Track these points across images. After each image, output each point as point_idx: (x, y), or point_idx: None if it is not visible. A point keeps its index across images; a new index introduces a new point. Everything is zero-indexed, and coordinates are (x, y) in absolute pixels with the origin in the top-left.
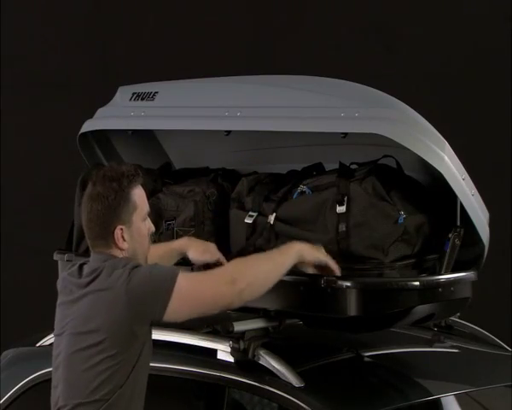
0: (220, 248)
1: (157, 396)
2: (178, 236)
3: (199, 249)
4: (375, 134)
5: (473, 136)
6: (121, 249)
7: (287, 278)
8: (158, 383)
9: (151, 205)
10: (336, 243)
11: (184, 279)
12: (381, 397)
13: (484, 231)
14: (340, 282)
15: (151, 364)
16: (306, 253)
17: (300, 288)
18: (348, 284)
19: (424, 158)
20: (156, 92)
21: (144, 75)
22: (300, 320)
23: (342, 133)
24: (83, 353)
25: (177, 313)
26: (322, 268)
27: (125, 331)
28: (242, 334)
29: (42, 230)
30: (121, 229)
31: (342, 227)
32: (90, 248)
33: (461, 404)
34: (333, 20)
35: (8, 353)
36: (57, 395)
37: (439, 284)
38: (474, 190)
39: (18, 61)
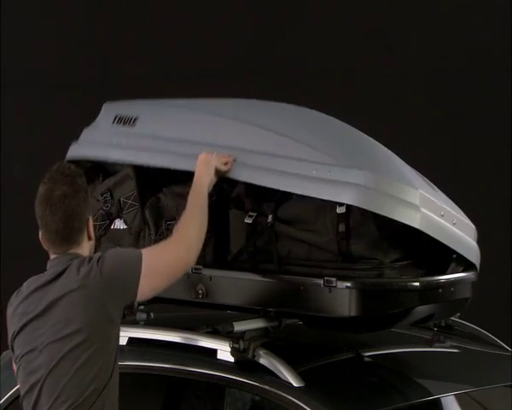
0: (220, 249)
1: (157, 396)
2: None
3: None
4: None
5: (473, 136)
6: (91, 239)
7: (287, 278)
8: (158, 383)
9: (151, 205)
10: (336, 243)
11: (148, 256)
12: (381, 397)
13: (473, 253)
14: (340, 282)
15: (151, 364)
16: (211, 173)
17: (300, 288)
18: (348, 284)
19: (396, 220)
20: (137, 118)
21: (144, 75)
22: (300, 320)
23: None
24: (70, 355)
25: (146, 291)
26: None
27: (104, 322)
28: (242, 334)
29: None
30: (90, 219)
31: (342, 227)
32: (54, 249)
33: (461, 404)
34: (333, 20)
35: (8, 353)
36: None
37: (438, 284)
38: (456, 218)
39: (18, 61)
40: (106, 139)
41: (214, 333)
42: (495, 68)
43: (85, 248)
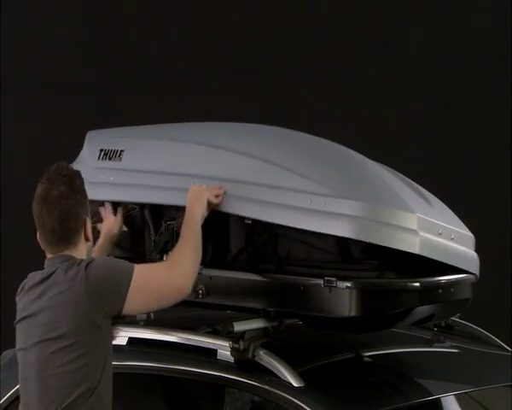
0: (220, 249)
1: (157, 396)
2: (178, 236)
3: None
4: None
5: (473, 135)
6: (88, 240)
7: (287, 279)
8: (158, 383)
9: (151, 205)
10: (336, 243)
11: (141, 272)
12: (381, 397)
13: (472, 264)
14: (340, 282)
15: (151, 364)
16: (203, 205)
17: (300, 288)
18: (348, 284)
19: (396, 248)
20: (122, 151)
21: (144, 75)
22: (300, 320)
23: None
24: (56, 356)
25: (135, 305)
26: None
27: (91, 328)
28: (242, 334)
29: None
30: (87, 220)
31: None
32: (50, 249)
33: (461, 404)
34: (333, 21)
35: (8, 353)
36: (31, 403)
37: (439, 285)
38: (454, 232)
39: (18, 61)
40: (93, 177)
41: (214, 333)
42: (495, 68)
43: (82, 249)
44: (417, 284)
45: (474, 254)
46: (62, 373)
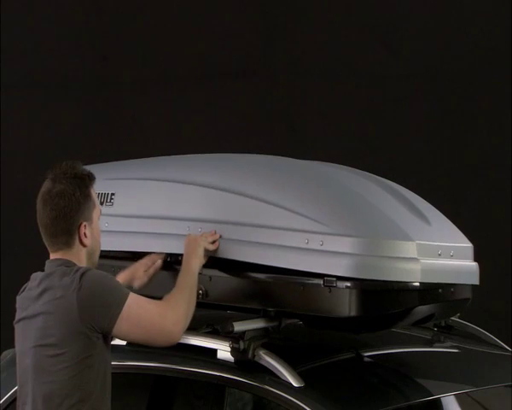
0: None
1: (157, 397)
2: None
3: (141, 278)
4: None
5: (473, 135)
6: (84, 246)
7: (287, 279)
8: (158, 383)
9: None
10: None
11: (135, 303)
12: (381, 397)
13: (472, 277)
14: (340, 282)
15: (151, 364)
16: (199, 255)
17: (300, 288)
18: (348, 284)
19: (398, 280)
20: (114, 194)
21: (144, 75)
22: (300, 320)
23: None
24: (48, 361)
25: (123, 332)
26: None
27: (81, 339)
28: (242, 334)
29: None
30: (85, 225)
31: None
32: (49, 248)
33: (461, 404)
34: (333, 20)
35: (8, 353)
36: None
37: (438, 284)
38: (453, 248)
39: (18, 61)
40: None
41: (214, 333)
42: (495, 68)
43: (78, 253)
44: (417, 284)
45: (474, 265)
46: (54, 381)
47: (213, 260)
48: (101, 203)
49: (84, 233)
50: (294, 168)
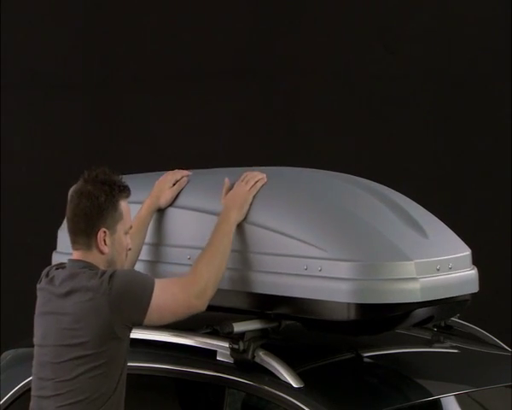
0: None
1: (157, 397)
2: None
3: (166, 194)
4: None
5: (473, 136)
6: (102, 253)
7: None
8: (158, 383)
9: None
10: None
11: (160, 290)
12: (381, 397)
13: (472, 286)
14: None
15: (151, 364)
16: (242, 214)
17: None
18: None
19: (398, 302)
20: None
21: (144, 75)
22: (300, 322)
23: None
24: (70, 363)
25: (154, 318)
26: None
27: (111, 339)
28: (242, 335)
29: (42, 230)
30: (104, 232)
31: None
32: (71, 245)
33: (461, 404)
34: (333, 20)
35: (9, 353)
36: (44, 404)
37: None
38: (451, 261)
39: (18, 61)
40: None
41: (214, 334)
42: (495, 68)
43: (97, 258)
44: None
45: (473, 273)
46: (77, 380)
47: None
48: None
49: (104, 240)
50: (282, 190)
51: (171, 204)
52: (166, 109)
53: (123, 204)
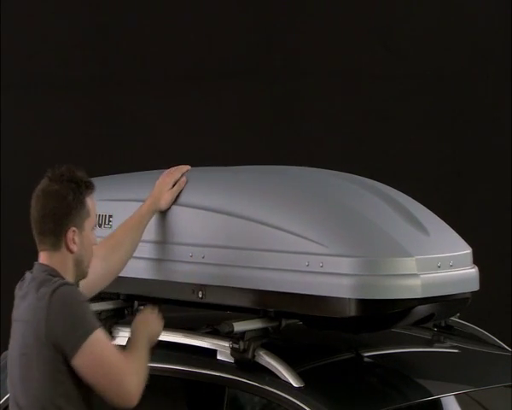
0: None
1: (156, 397)
2: None
3: (166, 196)
4: None
5: (473, 136)
6: (71, 252)
7: None
8: (157, 383)
9: None
10: None
11: (101, 341)
12: (381, 397)
13: (472, 284)
14: None
15: (151, 364)
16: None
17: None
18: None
19: (399, 298)
20: (111, 216)
21: (144, 75)
22: (300, 321)
23: None
24: (29, 372)
25: (82, 367)
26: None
27: (49, 352)
28: (242, 334)
29: None
30: (74, 231)
31: None
32: (38, 246)
33: (461, 404)
34: (333, 20)
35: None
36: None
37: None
38: (452, 258)
39: (18, 61)
40: None
41: (214, 333)
42: (495, 68)
43: (65, 259)
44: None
45: (473, 272)
46: (35, 390)
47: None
48: (100, 225)
49: (73, 239)
50: (282, 187)
51: (173, 203)
52: (166, 109)
53: (89, 201)
